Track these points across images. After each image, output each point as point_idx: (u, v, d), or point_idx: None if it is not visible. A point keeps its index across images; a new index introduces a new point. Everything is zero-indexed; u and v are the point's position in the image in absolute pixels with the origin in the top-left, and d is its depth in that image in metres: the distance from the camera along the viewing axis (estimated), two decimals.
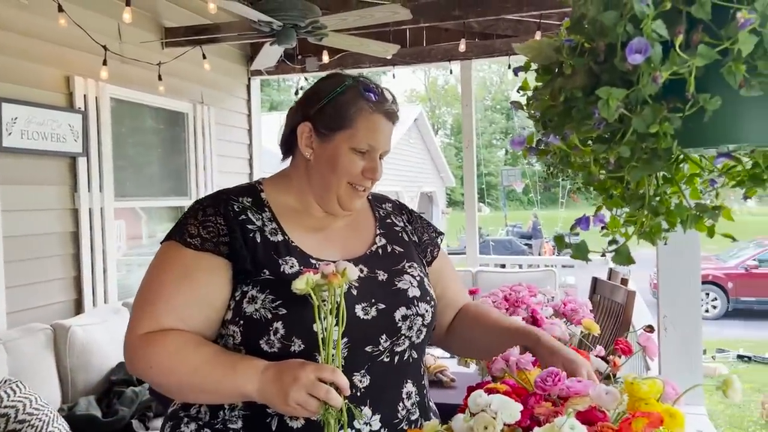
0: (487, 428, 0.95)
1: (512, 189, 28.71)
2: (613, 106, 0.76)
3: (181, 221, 1.23)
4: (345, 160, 1.23)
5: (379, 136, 1.25)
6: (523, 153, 1.01)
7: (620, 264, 0.88)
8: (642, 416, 0.92)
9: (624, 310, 2.60)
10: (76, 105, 3.71)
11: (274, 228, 1.23)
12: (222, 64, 5.16)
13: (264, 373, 1.08)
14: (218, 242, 1.18)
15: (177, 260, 1.18)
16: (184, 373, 1.12)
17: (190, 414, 1.21)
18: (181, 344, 1.13)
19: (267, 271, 1.16)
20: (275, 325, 1.13)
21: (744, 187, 0.89)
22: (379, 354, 1.19)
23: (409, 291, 1.25)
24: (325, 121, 1.23)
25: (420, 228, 1.44)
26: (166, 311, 1.15)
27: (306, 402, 1.02)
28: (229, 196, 1.26)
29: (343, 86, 1.25)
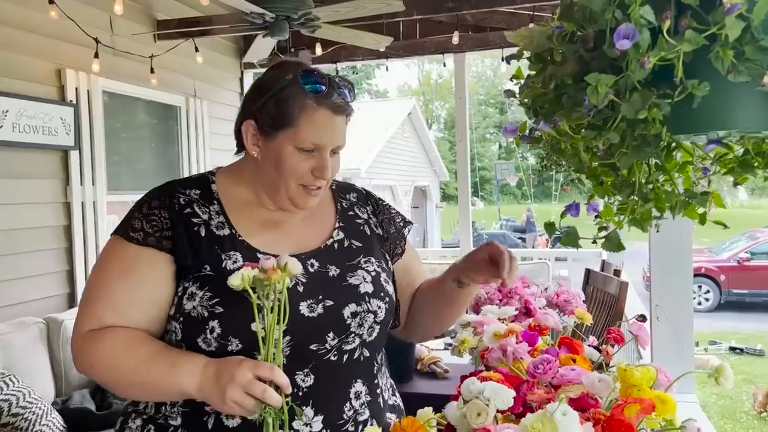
0: (480, 415, 0.95)
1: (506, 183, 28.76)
2: (602, 93, 0.77)
3: (128, 215, 1.19)
4: (290, 160, 1.16)
5: (324, 134, 1.17)
6: (515, 141, 1.01)
7: (610, 250, 0.88)
8: (634, 402, 0.92)
9: (617, 300, 2.61)
10: (67, 98, 3.69)
11: (221, 222, 1.19)
12: (214, 57, 5.14)
13: (203, 371, 1.06)
14: (161, 237, 1.15)
15: (119, 256, 1.16)
16: (125, 372, 1.10)
17: (137, 409, 1.20)
18: (122, 342, 1.11)
19: (208, 266, 1.13)
20: (211, 323, 1.10)
21: (734, 174, 0.90)
22: (326, 352, 1.15)
23: (361, 287, 1.21)
24: (267, 120, 1.17)
25: (387, 220, 1.39)
26: (108, 309, 1.12)
27: (242, 401, 1.00)
28: (176, 188, 1.22)
29: (284, 80, 1.16)
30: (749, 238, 12.84)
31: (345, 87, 1.19)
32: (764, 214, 21.59)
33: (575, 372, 1.06)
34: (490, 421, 0.95)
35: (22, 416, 2.65)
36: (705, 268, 11.63)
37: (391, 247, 1.36)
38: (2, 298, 3.29)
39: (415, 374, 2.36)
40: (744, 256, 12.01)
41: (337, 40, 4.00)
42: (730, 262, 11.97)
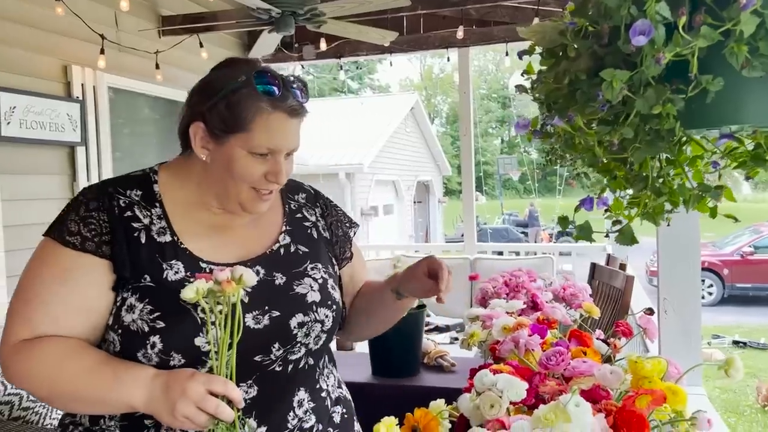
0: (494, 406, 0.96)
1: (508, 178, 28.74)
2: (617, 88, 0.78)
3: (62, 216, 1.10)
4: (242, 164, 1.10)
5: (279, 138, 1.10)
6: (527, 136, 1.02)
7: (624, 244, 0.89)
8: (645, 394, 0.94)
9: (623, 294, 2.62)
10: (74, 94, 3.70)
11: (162, 227, 1.12)
12: (219, 53, 5.14)
13: (151, 384, 1.00)
14: (100, 242, 1.07)
15: (54, 261, 1.07)
16: (63, 384, 1.02)
17: (75, 420, 1.14)
18: (58, 352, 1.03)
19: (148, 276, 1.07)
20: (152, 338, 1.04)
21: (746, 168, 0.90)
22: (270, 363, 1.12)
23: (308, 296, 1.16)
24: (217, 122, 1.09)
25: (335, 222, 1.34)
26: (41, 317, 1.05)
27: (194, 416, 0.95)
28: (116, 188, 1.14)
29: (236, 81, 1.09)
30: (753, 232, 12.83)
31: (298, 88, 1.13)
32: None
33: (587, 364, 1.07)
34: (504, 413, 0.96)
35: (32, 410, 2.67)
36: (708, 263, 11.63)
37: (339, 251, 1.32)
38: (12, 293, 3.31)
39: (422, 368, 2.38)
40: (747, 250, 12.00)
41: (342, 35, 4.00)
42: (734, 257, 11.97)
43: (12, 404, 2.65)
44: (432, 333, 2.99)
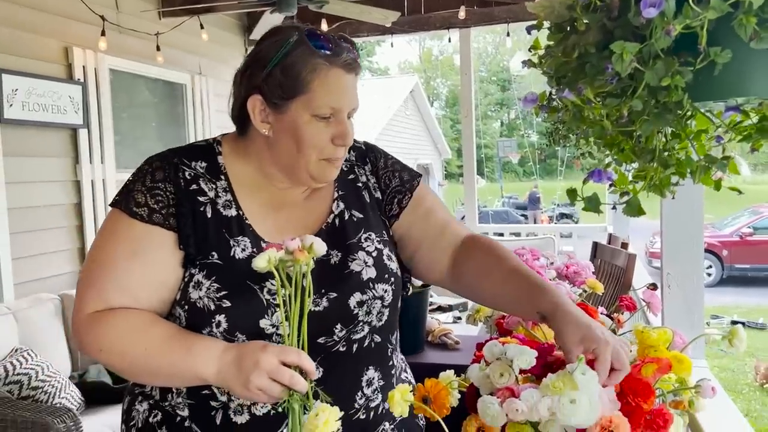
0: (503, 375, 0.99)
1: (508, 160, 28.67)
2: (627, 60, 0.79)
3: (129, 185, 1.09)
4: (308, 130, 1.07)
5: (340, 95, 1.08)
6: (534, 111, 1.03)
7: (631, 215, 0.91)
8: (651, 362, 0.96)
9: (625, 272, 2.65)
10: (75, 76, 3.70)
11: (228, 200, 1.10)
12: (220, 35, 5.12)
13: (222, 356, 0.98)
14: (167, 214, 1.06)
15: (124, 233, 1.06)
16: (136, 356, 1.02)
17: (144, 392, 1.14)
18: (132, 325, 1.03)
19: (215, 253, 1.05)
20: (218, 317, 1.03)
21: (751, 141, 0.92)
22: (334, 344, 1.09)
23: (363, 273, 1.12)
24: (276, 90, 1.06)
25: (390, 174, 1.26)
26: (114, 290, 1.04)
27: (269, 388, 0.93)
28: (182, 159, 1.11)
29: (287, 44, 1.06)
30: (752, 213, 12.86)
31: (348, 43, 1.10)
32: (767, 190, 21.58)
33: None
34: (513, 381, 0.98)
35: (41, 389, 2.71)
36: (708, 244, 11.65)
37: (387, 207, 1.23)
38: (17, 275, 3.34)
39: (426, 345, 2.40)
40: (746, 231, 12.04)
41: (345, 15, 3.99)
42: (733, 237, 12.01)
43: (21, 384, 2.68)
44: (436, 312, 3.01)
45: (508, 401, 0.91)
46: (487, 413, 0.93)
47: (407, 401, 0.89)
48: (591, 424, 0.89)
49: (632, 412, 0.93)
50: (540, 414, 0.89)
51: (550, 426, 0.91)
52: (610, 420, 0.89)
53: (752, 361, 7.02)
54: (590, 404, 0.88)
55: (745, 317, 8.97)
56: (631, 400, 0.94)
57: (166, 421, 1.10)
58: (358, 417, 1.13)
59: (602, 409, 0.90)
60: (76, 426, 2.38)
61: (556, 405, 0.88)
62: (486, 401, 0.94)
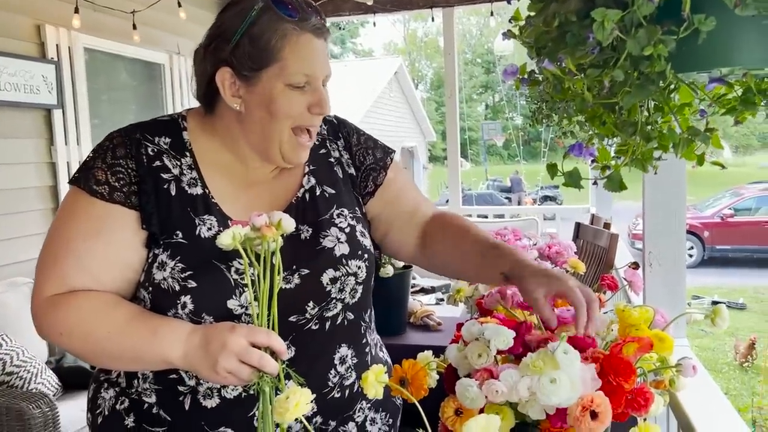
0: (481, 355, 0.96)
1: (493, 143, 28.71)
2: (608, 28, 0.76)
3: (88, 162, 1.04)
4: (282, 100, 1.02)
5: (312, 60, 1.03)
6: (515, 84, 1.00)
7: (612, 190, 0.89)
8: (632, 341, 0.94)
9: (607, 252, 2.64)
10: (48, 55, 3.60)
11: (193, 178, 1.06)
12: (198, 14, 5.01)
13: (189, 339, 0.95)
14: (129, 192, 1.02)
15: (84, 212, 1.01)
16: (99, 339, 0.98)
17: (109, 378, 1.10)
18: (93, 306, 0.99)
19: (180, 233, 1.02)
20: (183, 298, 0.99)
21: (735, 113, 0.90)
22: (306, 322, 1.07)
23: (336, 249, 1.10)
24: (245, 61, 1.01)
25: (363, 151, 1.23)
26: (76, 271, 1.00)
27: (237, 370, 0.90)
28: (144, 134, 1.06)
29: (252, 12, 1.01)
30: (733, 195, 13.01)
31: (313, 9, 1.06)
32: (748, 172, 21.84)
33: (571, 312, 1.07)
34: (491, 362, 0.96)
35: (16, 375, 2.66)
36: (689, 225, 11.77)
37: (362, 184, 1.21)
38: None
39: (408, 327, 2.39)
40: (727, 213, 12.18)
41: None
42: (714, 219, 12.15)
43: None
44: (418, 294, 3.00)
45: (488, 383, 0.89)
46: (465, 396, 0.91)
47: (381, 382, 0.86)
48: (572, 403, 0.87)
49: (613, 392, 0.91)
50: (520, 394, 0.87)
51: (529, 406, 0.89)
52: (591, 399, 0.87)
53: (732, 341, 7.13)
54: (571, 383, 0.87)
55: (726, 297, 9.10)
56: (612, 380, 0.92)
57: (133, 408, 1.07)
58: (333, 396, 1.11)
59: (584, 388, 0.88)
60: (52, 412, 2.34)
61: (536, 385, 0.86)
62: (464, 384, 0.91)
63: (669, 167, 1.35)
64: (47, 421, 2.32)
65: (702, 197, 13.82)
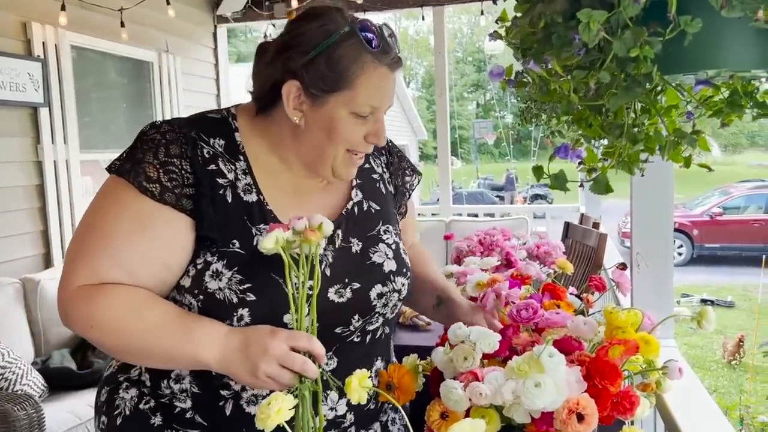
0: (467, 359, 0.96)
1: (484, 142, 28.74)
2: (594, 30, 0.75)
3: (137, 155, 0.99)
4: (344, 126, 1.01)
5: (382, 94, 1.02)
6: (501, 85, 1.00)
7: (598, 193, 0.88)
8: (618, 344, 0.94)
9: (596, 252, 2.65)
10: (34, 53, 3.56)
11: (248, 184, 1.03)
12: (186, 11, 4.98)
13: (226, 341, 0.93)
14: (181, 194, 0.98)
15: (130, 207, 0.98)
16: (132, 335, 0.95)
17: (130, 377, 1.07)
18: (128, 301, 0.96)
19: (237, 242, 0.99)
20: (240, 311, 0.97)
21: (720, 116, 0.89)
22: (349, 334, 1.07)
23: (385, 265, 1.10)
24: (317, 81, 0.98)
25: (397, 171, 1.25)
26: (111, 264, 0.96)
27: (279, 375, 0.89)
28: (200, 134, 1.02)
29: (337, 34, 0.98)
30: (721, 194, 13.08)
31: (393, 38, 1.03)
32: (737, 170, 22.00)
33: (560, 315, 1.06)
34: (477, 365, 0.95)
35: (2, 376, 2.63)
36: (678, 223, 11.85)
37: (397, 205, 1.24)
38: None
39: (397, 327, 2.38)
40: (716, 211, 12.25)
41: None
42: (703, 217, 12.21)
43: None
44: None
45: (471, 385, 0.89)
46: (450, 398, 0.91)
47: (365, 388, 0.85)
48: (557, 407, 0.86)
49: (599, 395, 0.91)
50: (504, 398, 0.87)
51: (514, 409, 0.88)
52: (577, 402, 0.87)
53: (720, 339, 7.17)
54: (556, 387, 0.86)
55: (715, 295, 9.16)
56: (598, 383, 0.92)
57: (160, 408, 1.04)
58: (368, 407, 1.11)
59: (569, 392, 0.87)
60: (37, 413, 2.32)
61: (521, 388, 0.86)
62: (449, 386, 0.91)
63: (656, 168, 1.35)
64: (32, 423, 2.30)
65: (691, 195, 13.89)
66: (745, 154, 28.96)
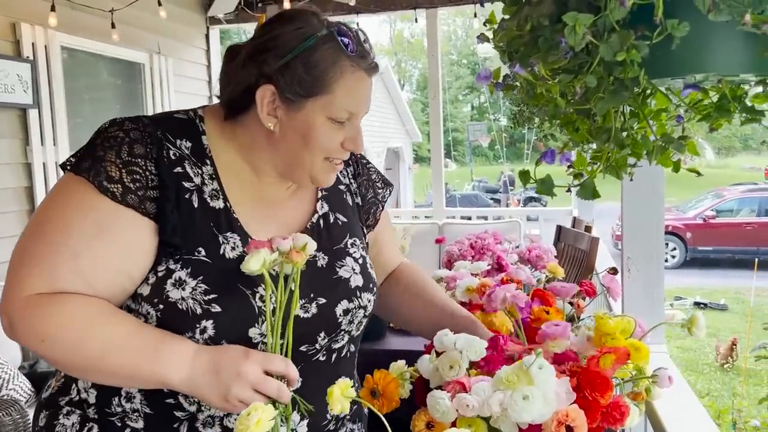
0: (453, 367, 0.94)
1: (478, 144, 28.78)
2: (580, 33, 0.74)
3: (97, 153, 0.92)
4: (321, 132, 0.98)
5: (360, 99, 1.00)
6: (489, 88, 0.98)
7: (585, 198, 0.87)
8: (609, 353, 0.92)
9: (588, 256, 2.64)
10: (24, 54, 3.53)
11: (215, 190, 0.98)
12: (179, 12, 4.96)
13: (195, 361, 0.88)
14: (144, 197, 0.92)
15: (89, 209, 0.90)
16: (89, 351, 0.88)
17: (71, 399, 0.99)
18: (87, 314, 0.88)
19: (203, 249, 0.93)
20: (204, 323, 0.91)
21: (709, 120, 0.88)
22: (315, 353, 1.03)
23: (352, 280, 1.06)
24: (293, 85, 0.95)
25: (366, 183, 1.21)
26: (68, 271, 0.88)
27: (251, 399, 0.85)
28: (166, 134, 0.96)
29: (313, 37, 0.95)
30: (715, 197, 13.13)
31: (368, 43, 1.02)
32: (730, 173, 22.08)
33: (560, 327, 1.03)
34: (463, 374, 0.94)
35: None
36: (672, 226, 11.88)
37: (364, 217, 1.20)
38: None
39: (388, 331, 2.36)
40: (709, 214, 12.29)
41: None
42: (696, 220, 12.25)
43: None
44: None
45: (458, 397, 0.87)
46: (437, 408, 0.89)
47: (348, 397, 0.84)
48: (545, 420, 0.85)
49: (589, 407, 0.89)
50: (492, 409, 0.85)
51: (501, 421, 0.87)
52: (566, 414, 0.85)
53: (713, 342, 7.18)
54: (544, 400, 0.84)
55: (708, 298, 9.17)
56: (588, 394, 0.90)
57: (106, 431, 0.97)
58: (328, 428, 1.07)
59: (557, 404, 0.86)
60: (23, 419, 2.29)
61: (509, 401, 0.84)
62: (436, 396, 0.89)
63: (647, 173, 1.34)
64: (18, 429, 2.27)
65: (684, 198, 13.93)
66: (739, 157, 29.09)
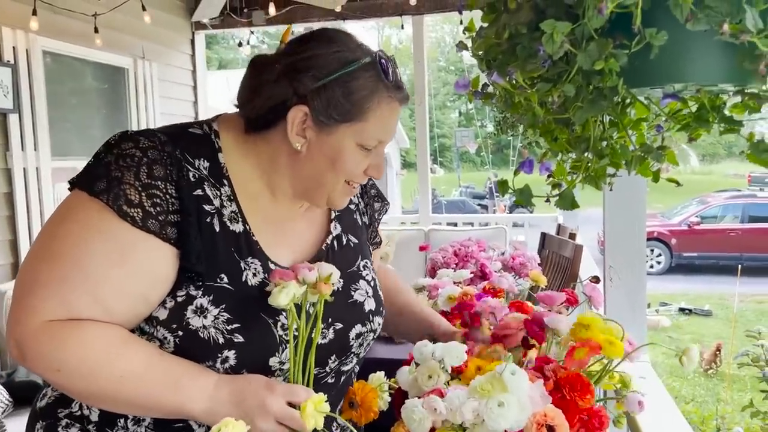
0: (431, 377, 0.93)
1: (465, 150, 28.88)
2: (558, 41, 0.73)
3: (113, 173, 0.87)
4: (349, 158, 0.96)
5: (390, 128, 0.99)
6: (468, 96, 0.97)
7: (564, 208, 0.86)
8: (582, 346, 0.93)
9: (572, 263, 2.64)
10: (4, 58, 3.49)
11: (234, 212, 0.95)
12: (163, 17, 4.93)
13: (216, 393, 0.87)
14: (165, 222, 0.88)
15: (109, 234, 0.86)
16: (109, 382, 0.85)
17: (72, 413, 0.95)
18: (106, 343, 0.85)
19: (225, 276, 0.91)
20: (226, 353, 0.89)
21: (688, 130, 0.88)
22: (324, 375, 1.01)
23: (366, 304, 1.05)
24: (328, 108, 0.93)
25: (370, 201, 1.21)
26: (86, 298, 0.85)
27: (274, 431, 0.85)
28: (184, 153, 0.92)
29: (355, 63, 0.94)
30: (699, 203, 13.25)
31: (397, 68, 1.02)
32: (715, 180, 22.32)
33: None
34: (442, 383, 0.93)
35: None
36: (657, 232, 11.97)
37: (372, 236, 1.20)
38: None
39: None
40: (694, 220, 12.39)
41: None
42: (681, 226, 12.35)
43: None
44: None
45: (427, 400, 0.86)
46: (412, 419, 0.87)
47: (321, 413, 0.82)
48: (521, 426, 0.84)
49: (567, 408, 0.89)
50: (464, 417, 0.84)
51: (477, 430, 0.86)
52: (544, 414, 0.84)
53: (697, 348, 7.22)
54: (520, 405, 0.84)
55: (692, 304, 9.24)
56: (566, 394, 0.90)
57: None
58: None
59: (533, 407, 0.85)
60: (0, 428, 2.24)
61: (484, 409, 0.83)
62: (410, 406, 0.88)
63: (629, 182, 1.33)
64: None
65: (670, 205, 14.05)
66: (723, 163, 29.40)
